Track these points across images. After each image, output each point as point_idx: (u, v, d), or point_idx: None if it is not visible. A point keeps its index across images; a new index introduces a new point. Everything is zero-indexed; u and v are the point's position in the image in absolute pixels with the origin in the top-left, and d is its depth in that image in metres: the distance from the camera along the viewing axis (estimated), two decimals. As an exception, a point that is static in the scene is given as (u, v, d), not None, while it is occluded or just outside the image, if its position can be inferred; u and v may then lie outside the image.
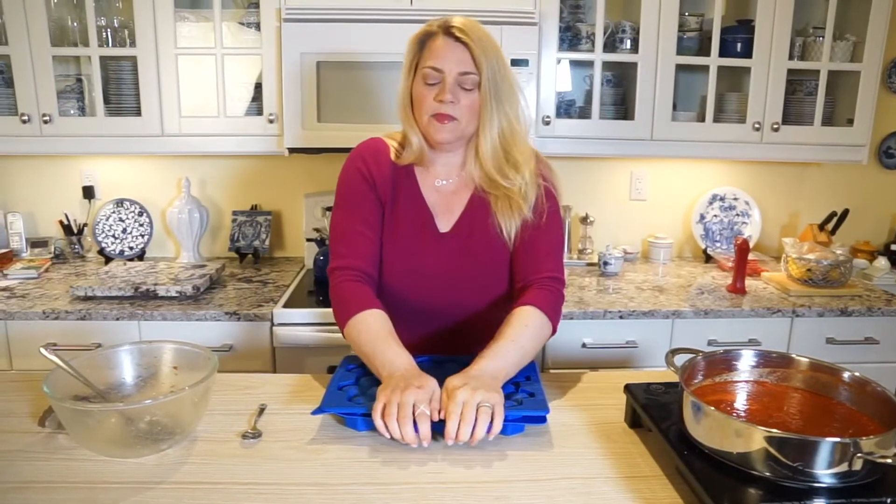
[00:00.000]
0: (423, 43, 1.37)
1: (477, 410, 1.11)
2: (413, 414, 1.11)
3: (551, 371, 2.21)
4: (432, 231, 1.45)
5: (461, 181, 1.46)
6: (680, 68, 2.48)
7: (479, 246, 1.44)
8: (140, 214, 2.76)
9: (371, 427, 1.19)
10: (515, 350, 1.28)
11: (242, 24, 2.41)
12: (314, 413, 1.19)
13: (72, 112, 2.46)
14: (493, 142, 1.37)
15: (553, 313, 1.38)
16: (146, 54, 2.34)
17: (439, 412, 1.13)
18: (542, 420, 1.21)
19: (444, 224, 1.46)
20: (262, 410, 1.27)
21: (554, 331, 1.40)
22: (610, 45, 2.51)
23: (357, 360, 1.37)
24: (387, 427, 1.11)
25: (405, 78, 1.39)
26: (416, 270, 1.44)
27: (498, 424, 1.12)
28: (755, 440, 0.95)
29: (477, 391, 1.13)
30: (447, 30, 1.34)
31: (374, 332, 1.30)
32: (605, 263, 2.62)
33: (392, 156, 1.45)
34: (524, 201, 1.40)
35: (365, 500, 1.01)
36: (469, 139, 1.42)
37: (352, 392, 1.26)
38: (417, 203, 1.45)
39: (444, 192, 1.47)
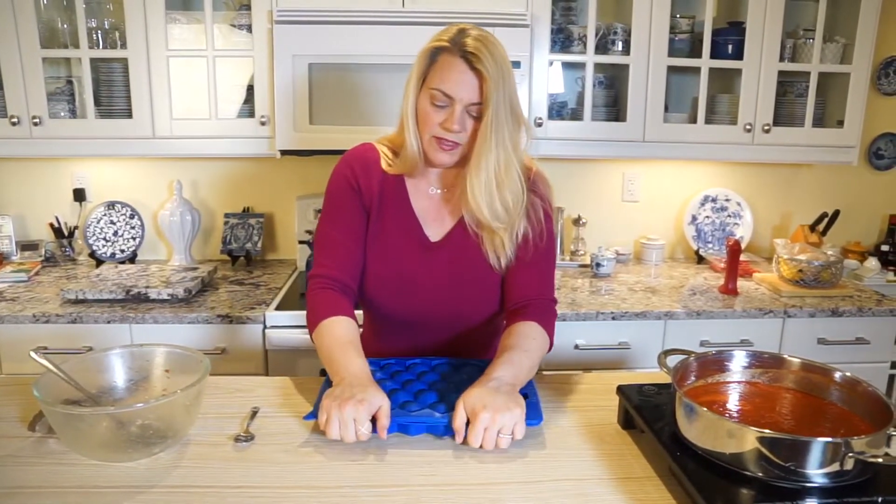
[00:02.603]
0: (433, 57, 1.30)
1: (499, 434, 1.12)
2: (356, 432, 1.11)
3: (544, 373, 2.19)
4: (420, 240, 1.42)
5: (456, 191, 1.43)
6: (671, 70, 2.49)
7: (470, 260, 1.41)
8: (131, 217, 2.75)
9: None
10: (528, 360, 1.28)
11: (234, 26, 2.41)
12: (307, 418, 1.19)
13: (62, 114, 2.45)
14: (488, 177, 1.31)
15: (551, 331, 1.39)
16: (137, 56, 2.33)
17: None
18: (536, 424, 1.20)
19: (435, 234, 1.43)
20: (254, 413, 1.27)
21: (550, 347, 1.40)
22: (602, 47, 2.52)
23: None
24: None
25: (412, 88, 1.33)
26: (402, 279, 1.42)
27: (518, 435, 1.13)
28: (747, 441, 0.95)
29: (498, 414, 1.11)
30: (463, 51, 1.26)
31: (334, 337, 1.29)
32: (598, 265, 2.63)
33: (382, 163, 1.42)
34: (510, 241, 1.38)
35: (358, 502, 1.01)
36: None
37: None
38: (405, 212, 1.42)
39: (436, 200, 1.44)
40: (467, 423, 1.13)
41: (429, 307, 1.43)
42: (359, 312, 1.52)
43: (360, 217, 1.42)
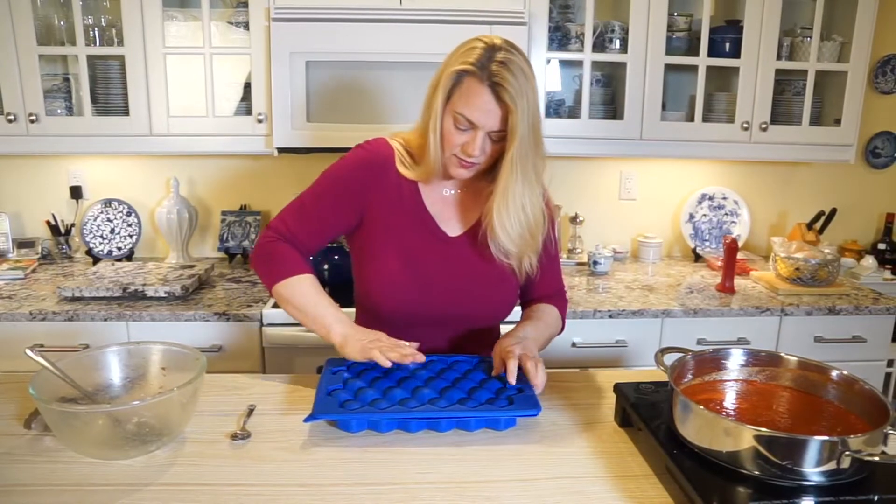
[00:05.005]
0: (459, 78, 1.27)
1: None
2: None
3: (541, 370, 2.21)
4: (437, 236, 1.42)
5: (474, 191, 1.43)
6: (669, 68, 2.49)
7: (486, 259, 1.40)
8: (128, 214, 2.75)
9: (363, 428, 1.20)
10: (545, 329, 1.44)
11: (231, 23, 2.40)
12: (307, 420, 1.18)
13: (59, 111, 2.44)
14: (516, 208, 1.33)
15: (564, 317, 1.54)
16: (134, 54, 2.32)
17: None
18: (534, 415, 1.20)
19: (453, 229, 1.43)
20: (251, 411, 1.27)
21: (561, 330, 1.54)
22: (599, 45, 2.52)
23: (342, 363, 1.36)
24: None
25: (438, 107, 1.29)
26: (419, 275, 1.40)
27: (542, 376, 1.25)
28: (744, 439, 0.95)
29: (527, 349, 1.29)
30: (490, 80, 1.24)
31: (314, 292, 1.37)
32: (595, 263, 2.63)
33: (397, 163, 1.41)
34: (535, 258, 1.42)
35: (355, 500, 1.01)
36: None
37: (342, 397, 1.24)
38: (418, 210, 1.42)
39: (450, 200, 1.44)
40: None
41: (443, 304, 1.42)
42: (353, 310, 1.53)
43: (347, 215, 1.41)
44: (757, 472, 0.95)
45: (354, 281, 1.50)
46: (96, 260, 2.68)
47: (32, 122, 2.34)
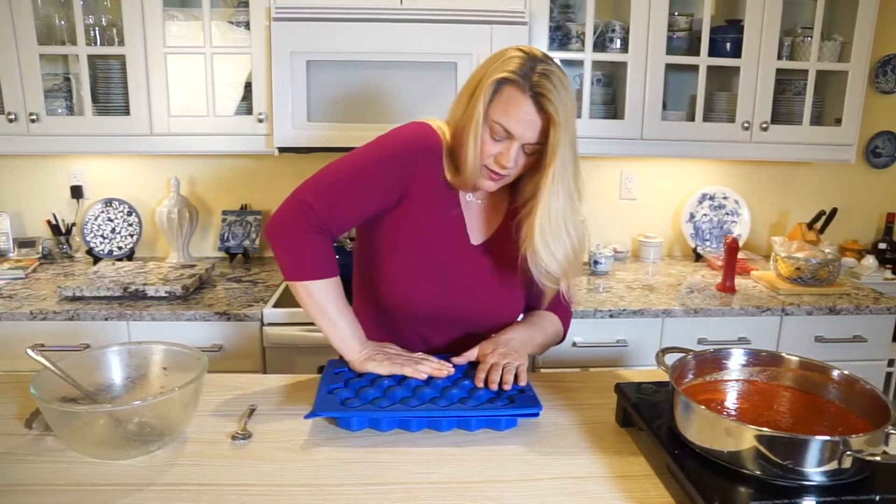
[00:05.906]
0: (500, 86, 1.23)
1: (504, 368, 1.27)
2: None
3: (542, 370, 2.21)
4: (463, 241, 1.39)
5: (494, 201, 1.42)
6: (669, 68, 2.49)
7: (509, 267, 1.38)
8: (129, 214, 2.75)
9: (363, 426, 1.20)
10: (540, 334, 1.43)
11: (232, 23, 2.40)
12: (307, 417, 1.18)
13: (59, 111, 2.44)
14: (558, 227, 1.28)
15: (567, 328, 1.53)
16: (135, 53, 2.32)
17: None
18: (536, 414, 1.20)
19: (476, 237, 1.41)
20: (252, 411, 1.27)
21: (562, 340, 1.53)
22: (600, 45, 2.52)
23: (344, 364, 1.36)
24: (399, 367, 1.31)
25: (480, 116, 1.24)
26: (437, 276, 1.37)
27: (522, 380, 1.26)
28: (745, 439, 0.95)
29: (505, 359, 1.28)
30: (533, 90, 1.20)
31: (342, 300, 1.33)
32: (596, 262, 2.63)
33: (445, 161, 1.34)
34: (574, 279, 1.41)
35: (356, 500, 1.01)
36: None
37: (343, 395, 1.25)
38: (454, 213, 1.38)
39: (472, 207, 1.41)
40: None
41: (453, 310, 1.40)
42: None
43: (385, 202, 1.33)
44: (758, 472, 0.95)
45: (357, 268, 1.46)
46: (97, 259, 2.68)
47: (33, 121, 2.34)
